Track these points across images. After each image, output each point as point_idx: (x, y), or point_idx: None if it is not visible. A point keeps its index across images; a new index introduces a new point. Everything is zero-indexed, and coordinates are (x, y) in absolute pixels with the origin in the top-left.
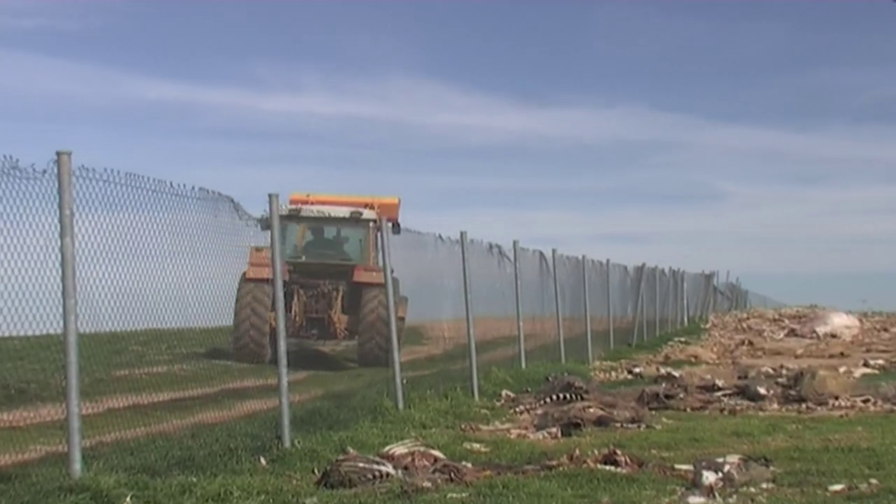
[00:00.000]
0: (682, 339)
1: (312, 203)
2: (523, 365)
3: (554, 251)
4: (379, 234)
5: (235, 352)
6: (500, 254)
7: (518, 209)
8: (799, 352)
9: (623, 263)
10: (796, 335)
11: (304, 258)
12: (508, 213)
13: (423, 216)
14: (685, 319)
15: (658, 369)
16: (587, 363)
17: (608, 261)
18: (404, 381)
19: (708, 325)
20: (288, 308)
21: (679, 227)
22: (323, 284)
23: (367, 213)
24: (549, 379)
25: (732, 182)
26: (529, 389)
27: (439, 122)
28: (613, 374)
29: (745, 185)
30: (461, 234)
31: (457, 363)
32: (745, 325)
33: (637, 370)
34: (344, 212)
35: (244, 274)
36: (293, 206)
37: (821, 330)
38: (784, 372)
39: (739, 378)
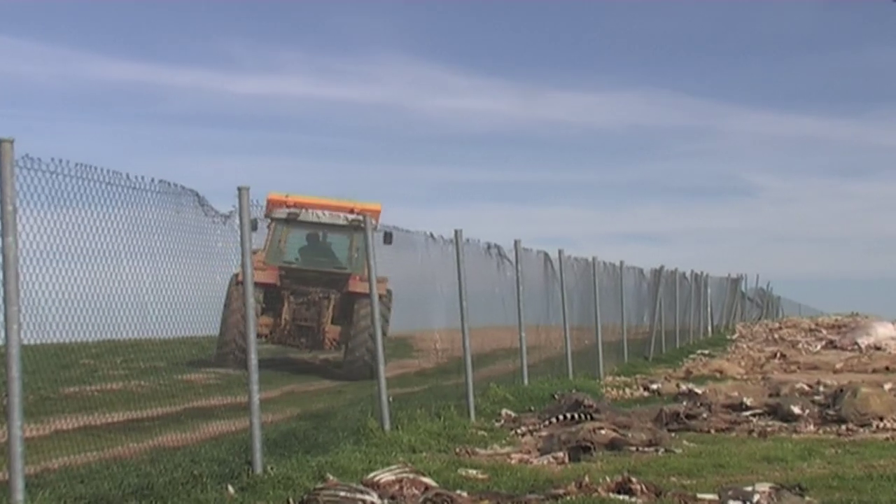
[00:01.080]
0: (706, 352)
1: (290, 205)
2: (525, 381)
3: (561, 252)
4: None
5: (218, 358)
6: (500, 255)
7: (521, 205)
8: (838, 366)
9: (639, 266)
10: (835, 347)
11: (297, 264)
12: (511, 209)
13: (414, 212)
14: (709, 329)
15: (678, 385)
16: (598, 379)
17: (622, 263)
18: (391, 399)
19: (735, 336)
20: (276, 314)
21: (703, 226)
22: (315, 292)
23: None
24: (555, 396)
25: (765, 174)
26: (533, 408)
27: (435, 107)
28: (628, 390)
29: (780, 178)
30: (455, 232)
31: (450, 379)
32: (776, 335)
33: (654, 386)
34: (342, 219)
35: (235, 276)
36: (291, 210)
37: (863, 341)
38: (821, 389)
39: (770, 396)
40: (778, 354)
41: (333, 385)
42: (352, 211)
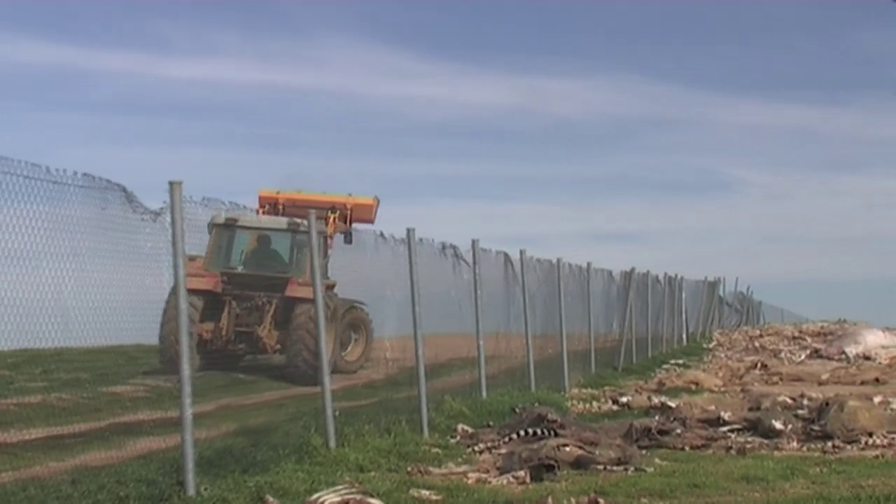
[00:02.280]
0: (680, 362)
1: (280, 202)
2: (484, 393)
3: (522, 253)
4: (327, 243)
5: (162, 366)
6: (457, 256)
7: (481, 201)
8: (824, 377)
9: (607, 268)
10: (821, 357)
11: (240, 269)
12: (469, 205)
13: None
14: (684, 337)
15: (650, 398)
16: (563, 391)
17: (590, 265)
18: (336, 413)
19: (712, 345)
20: (217, 320)
21: (679, 225)
22: (259, 297)
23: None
24: (516, 410)
25: (748, 168)
26: (491, 423)
27: (388, 94)
28: (595, 404)
29: (765, 173)
30: (408, 231)
31: (402, 391)
32: (757, 344)
33: (624, 399)
34: (282, 222)
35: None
36: (230, 215)
37: (851, 350)
38: (805, 402)
39: (750, 410)
40: (758, 364)
41: (274, 397)
42: (343, 206)
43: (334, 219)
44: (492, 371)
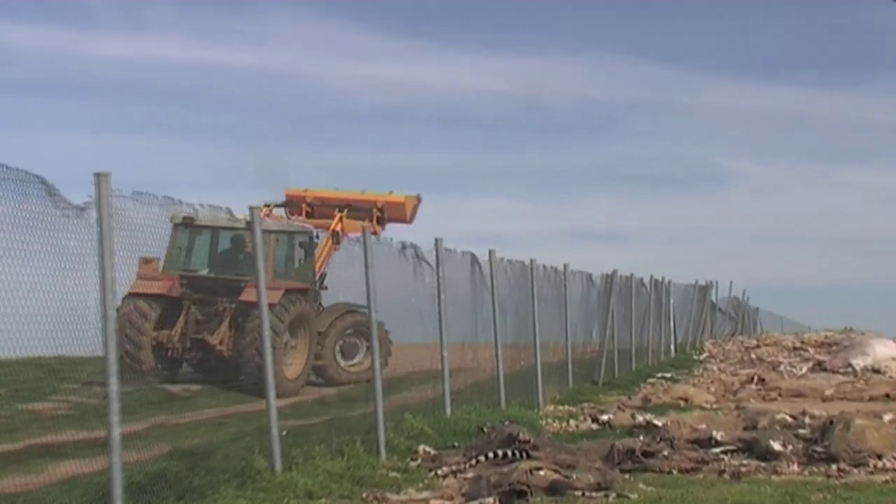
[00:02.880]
0: (668, 375)
1: (308, 200)
2: (448, 410)
3: (492, 253)
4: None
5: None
6: (418, 257)
7: (445, 195)
8: (828, 393)
9: (587, 270)
10: (824, 370)
11: (200, 272)
12: (432, 200)
13: None
14: (672, 348)
15: (634, 416)
16: (536, 408)
17: (567, 267)
18: (283, 433)
19: (703, 356)
20: (171, 327)
21: (666, 222)
22: (220, 302)
23: (269, 223)
24: (485, 430)
25: (742, 159)
26: (457, 444)
27: (339, 75)
28: (572, 423)
29: (760, 164)
30: (363, 229)
31: (356, 408)
32: (753, 355)
33: (605, 417)
34: (241, 221)
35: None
36: (187, 214)
37: (859, 363)
38: (807, 420)
39: (746, 429)
40: (755, 378)
41: (213, 415)
42: (373, 205)
43: (341, 217)
44: (457, 385)
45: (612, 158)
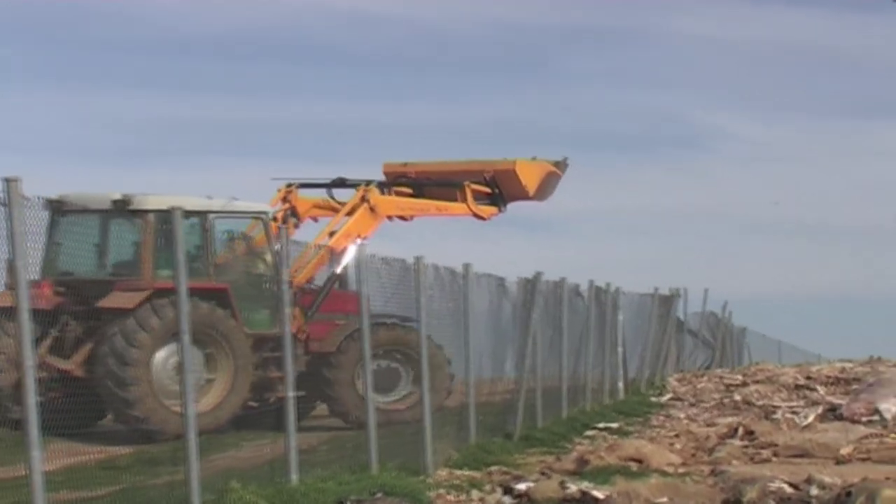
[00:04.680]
0: (614, 426)
1: (410, 174)
2: (294, 476)
3: (360, 248)
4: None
5: None
6: (253, 253)
7: (294, 161)
8: (844, 451)
9: (498, 273)
10: (840, 418)
11: (75, 273)
12: (274, 167)
13: (109, 174)
14: (621, 386)
15: (564, 486)
16: (423, 473)
17: (468, 268)
18: None
19: (666, 398)
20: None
21: (615, 204)
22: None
23: (143, 201)
24: None
25: (728, 113)
26: None
27: None
28: (476, 495)
29: (754, 120)
30: (173, 210)
31: (160, 472)
32: (738, 396)
33: (522, 487)
34: (105, 201)
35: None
36: (56, 199)
37: (889, 408)
38: (814, 492)
39: (727, 503)
40: (740, 430)
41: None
42: (483, 173)
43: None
44: (308, 440)
45: (537, 111)
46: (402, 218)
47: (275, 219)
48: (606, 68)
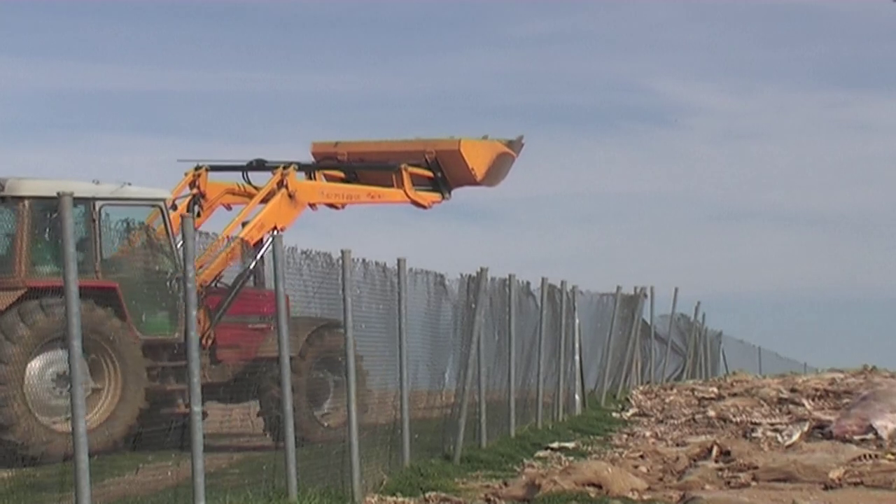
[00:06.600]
0: (570, 446)
1: (342, 156)
2: None
3: (274, 240)
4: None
5: None
6: (151, 245)
7: (205, 140)
8: (834, 475)
9: (436, 270)
10: (829, 436)
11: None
12: (181, 147)
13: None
14: (578, 399)
15: None
16: (350, 500)
17: (403, 263)
18: None
19: (630, 413)
20: None
21: (570, 188)
22: None
23: (17, 185)
24: None
25: (700, 83)
26: None
27: None
28: None
29: (730, 91)
30: (60, 196)
31: (43, 499)
32: (713, 411)
33: None
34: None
35: None
36: None
37: (885, 425)
38: None
39: None
40: (714, 450)
41: None
42: (424, 153)
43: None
44: (217, 462)
45: (479, 82)
46: (333, 206)
47: (175, 206)
48: (555, 31)
